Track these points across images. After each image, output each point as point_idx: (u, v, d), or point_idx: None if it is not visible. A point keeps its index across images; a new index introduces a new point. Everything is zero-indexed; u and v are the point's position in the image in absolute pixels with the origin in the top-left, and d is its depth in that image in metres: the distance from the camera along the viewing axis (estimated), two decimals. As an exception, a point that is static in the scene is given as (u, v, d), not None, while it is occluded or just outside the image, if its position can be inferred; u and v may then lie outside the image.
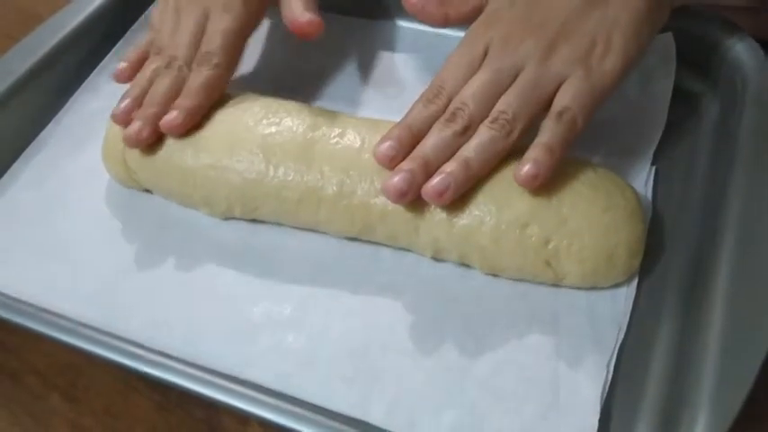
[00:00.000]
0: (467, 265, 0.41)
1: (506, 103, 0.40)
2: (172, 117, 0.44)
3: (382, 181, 0.40)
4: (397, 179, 0.39)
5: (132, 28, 0.58)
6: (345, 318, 0.40)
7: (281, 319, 0.40)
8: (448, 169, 0.39)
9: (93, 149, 0.49)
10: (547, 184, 0.39)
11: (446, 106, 0.41)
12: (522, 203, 0.39)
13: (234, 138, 0.44)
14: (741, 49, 0.46)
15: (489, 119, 0.40)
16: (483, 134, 0.39)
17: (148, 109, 0.45)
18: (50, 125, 0.52)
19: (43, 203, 0.47)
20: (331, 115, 0.45)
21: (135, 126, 0.44)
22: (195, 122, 0.45)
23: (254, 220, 0.45)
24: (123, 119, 0.45)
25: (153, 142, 0.45)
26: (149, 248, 0.44)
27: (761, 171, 0.40)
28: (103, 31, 0.57)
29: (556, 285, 0.40)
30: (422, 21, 0.46)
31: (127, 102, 0.45)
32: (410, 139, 0.40)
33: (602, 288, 0.40)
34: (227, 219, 0.45)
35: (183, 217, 0.46)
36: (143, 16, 0.58)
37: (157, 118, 0.44)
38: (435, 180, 0.39)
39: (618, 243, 0.38)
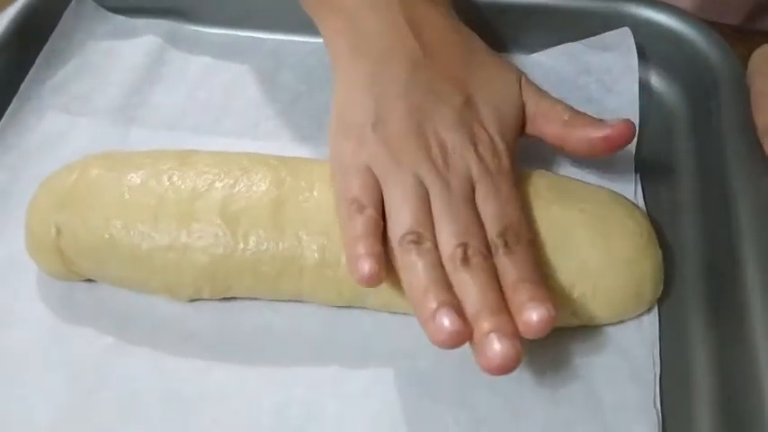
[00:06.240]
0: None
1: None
2: (546, 316, 0.32)
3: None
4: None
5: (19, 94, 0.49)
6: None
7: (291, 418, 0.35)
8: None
9: (7, 238, 0.41)
10: (555, 224, 0.36)
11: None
12: (538, 251, 0.36)
13: (186, 208, 0.38)
14: (705, 44, 0.45)
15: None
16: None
17: (496, 318, 0.32)
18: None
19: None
20: (293, 165, 0.40)
21: (503, 347, 0.31)
22: None
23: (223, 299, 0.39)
24: (459, 339, 0.32)
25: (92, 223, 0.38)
26: (106, 358, 0.37)
27: (761, 168, 0.39)
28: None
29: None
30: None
31: (449, 317, 0.32)
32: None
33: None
34: (192, 301, 0.39)
35: (140, 306, 0.39)
36: (34, 67, 0.50)
37: (515, 326, 0.32)
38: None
39: (643, 276, 0.36)
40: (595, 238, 0.36)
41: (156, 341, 0.38)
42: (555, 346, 0.37)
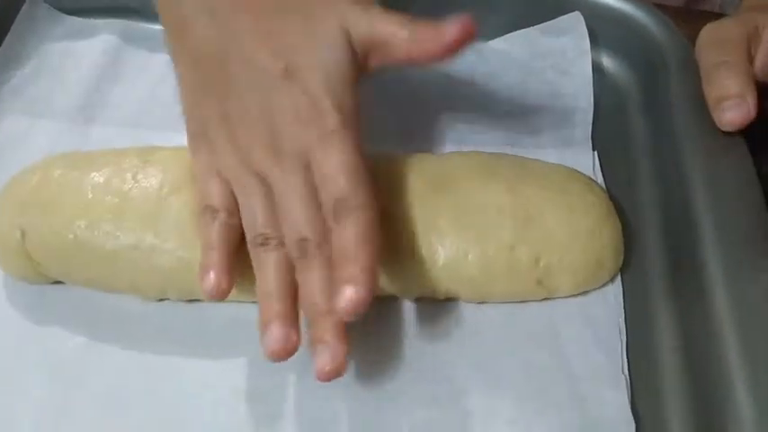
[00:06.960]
0: (434, 299, 0.39)
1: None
2: (351, 298, 0.31)
3: None
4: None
5: None
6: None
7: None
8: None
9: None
10: (519, 201, 0.37)
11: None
12: (505, 225, 0.37)
13: (151, 209, 0.38)
14: (653, 24, 0.47)
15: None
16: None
17: (323, 324, 0.32)
18: None
19: None
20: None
21: (328, 358, 0.32)
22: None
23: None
24: (285, 354, 0.33)
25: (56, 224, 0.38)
26: (80, 358, 0.37)
27: (712, 140, 0.40)
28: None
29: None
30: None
31: (276, 331, 0.33)
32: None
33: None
34: (161, 300, 0.39)
35: (110, 305, 0.39)
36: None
37: (344, 330, 0.33)
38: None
39: (604, 245, 0.37)
40: (558, 212, 0.37)
41: (129, 339, 0.38)
42: (525, 318, 0.38)
